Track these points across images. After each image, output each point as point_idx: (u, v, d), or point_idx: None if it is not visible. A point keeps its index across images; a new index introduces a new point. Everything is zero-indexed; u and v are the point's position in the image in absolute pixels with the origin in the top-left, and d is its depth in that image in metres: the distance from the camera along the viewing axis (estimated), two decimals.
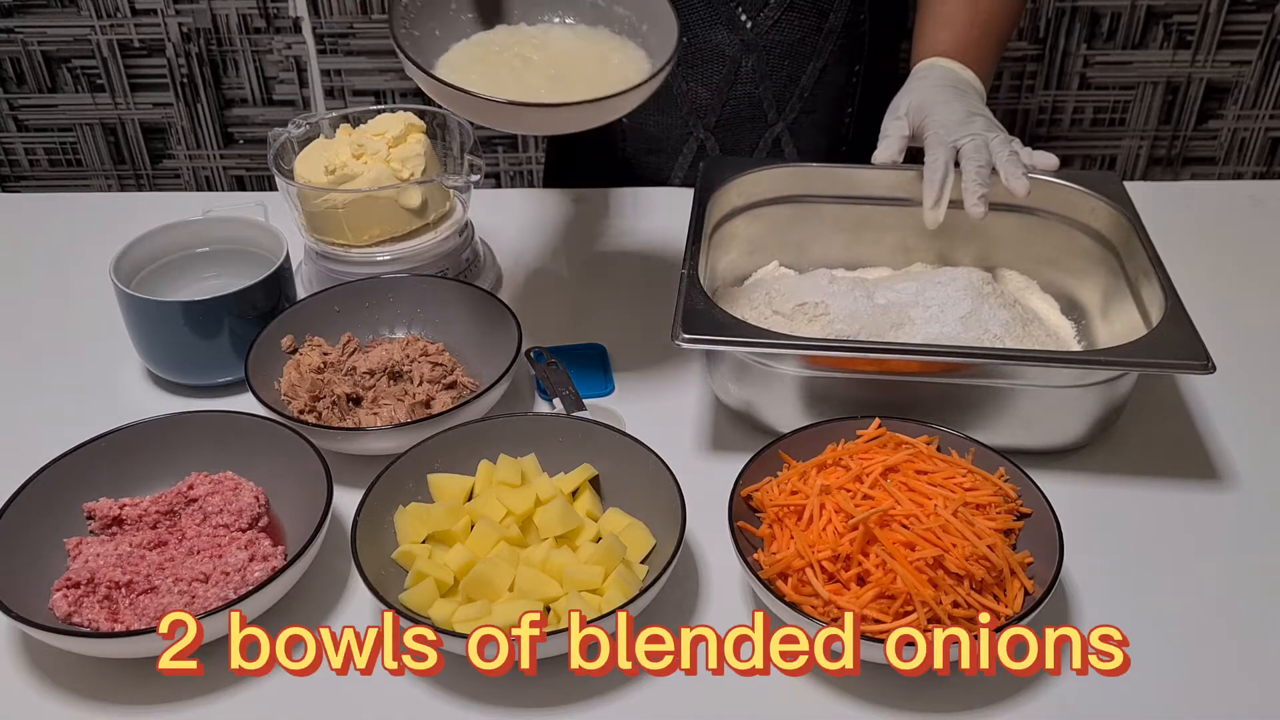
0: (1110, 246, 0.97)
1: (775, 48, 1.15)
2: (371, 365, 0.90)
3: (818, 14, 1.15)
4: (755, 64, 1.15)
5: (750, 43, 1.15)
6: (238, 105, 2.21)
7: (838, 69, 1.19)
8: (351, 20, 2.11)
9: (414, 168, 1.00)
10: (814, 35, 1.16)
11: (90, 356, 1.00)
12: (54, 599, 0.72)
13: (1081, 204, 0.99)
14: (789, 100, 1.19)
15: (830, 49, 1.17)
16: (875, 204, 1.03)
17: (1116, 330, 0.93)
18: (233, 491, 0.80)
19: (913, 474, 0.74)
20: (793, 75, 1.18)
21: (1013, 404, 0.83)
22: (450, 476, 0.80)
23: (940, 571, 0.68)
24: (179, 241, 1.00)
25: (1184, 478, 0.86)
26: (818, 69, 1.18)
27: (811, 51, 1.16)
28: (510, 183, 2.34)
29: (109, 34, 2.13)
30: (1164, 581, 0.77)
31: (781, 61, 1.17)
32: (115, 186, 2.33)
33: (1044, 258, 1.02)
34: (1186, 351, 0.80)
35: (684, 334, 0.81)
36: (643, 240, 1.16)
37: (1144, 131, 2.23)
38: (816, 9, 1.15)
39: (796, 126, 1.22)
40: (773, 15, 1.13)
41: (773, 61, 1.16)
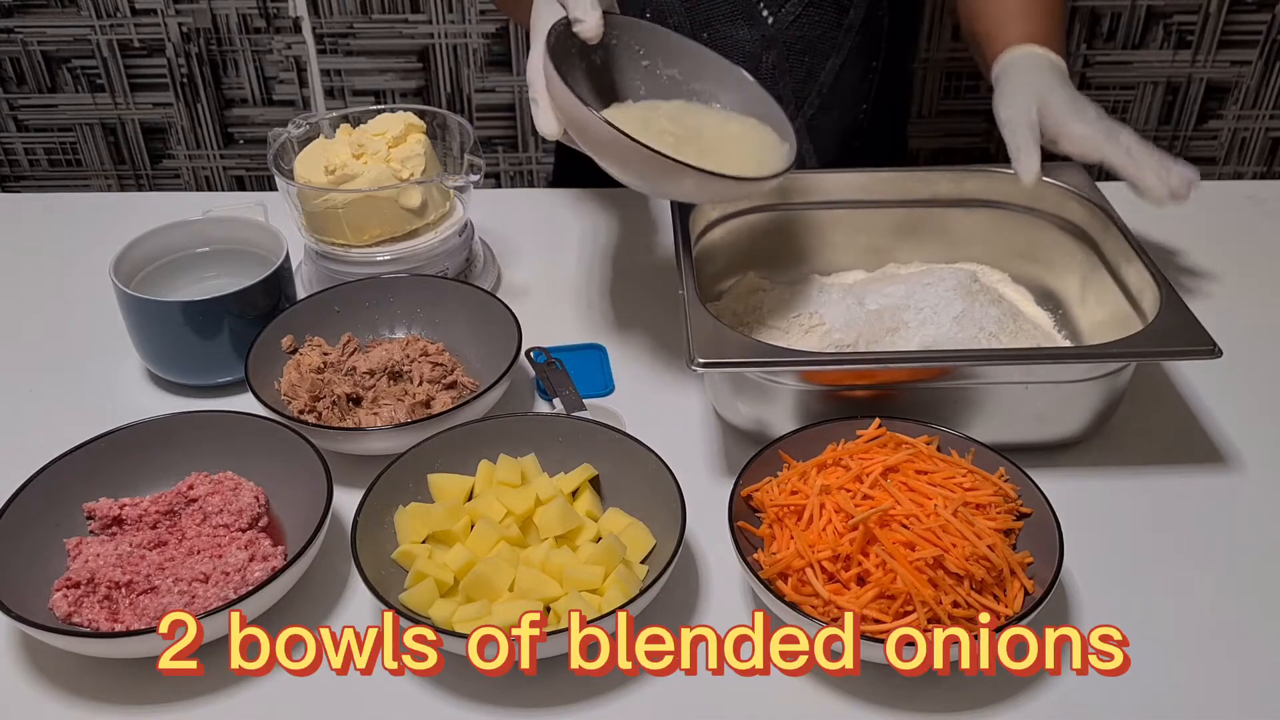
0: (1083, 235, 0.99)
1: (795, 43, 1.16)
2: (371, 365, 0.90)
3: (838, 9, 1.15)
4: (775, 60, 1.15)
5: (771, 38, 1.15)
6: (238, 105, 2.21)
7: (855, 65, 1.19)
8: (351, 20, 2.11)
9: (414, 168, 1.00)
10: (834, 31, 1.16)
11: (90, 356, 1.00)
12: (54, 599, 0.72)
13: (1049, 195, 1.00)
14: (807, 96, 1.19)
15: (849, 45, 1.17)
16: (844, 208, 1.04)
17: (1101, 318, 0.94)
18: (233, 491, 0.80)
19: (913, 474, 0.74)
20: (811, 71, 1.18)
21: (1020, 401, 0.83)
22: (450, 476, 0.80)
23: (940, 571, 0.68)
24: (179, 241, 1.00)
25: (1184, 464, 0.86)
26: (836, 65, 1.18)
27: (831, 48, 1.17)
28: (510, 183, 2.34)
29: (109, 34, 2.13)
30: (1165, 580, 0.77)
31: (801, 58, 1.17)
32: (115, 186, 2.33)
33: (1015, 251, 1.04)
34: (1190, 339, 0.81)
35: (699, 358, 0.79)
36: (643, 240, 1.16)
37: (1144, 131, 2.23)
38: (837, 5, 1.15)
39: (814, 123, 1.22)
40: (794, 11, 1.13)
41: (792, 58, 1.16)
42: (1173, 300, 0.84)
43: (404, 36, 2.14)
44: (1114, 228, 0.94)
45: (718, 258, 1.02)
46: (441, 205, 1.04)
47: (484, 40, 2.15)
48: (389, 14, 2.11)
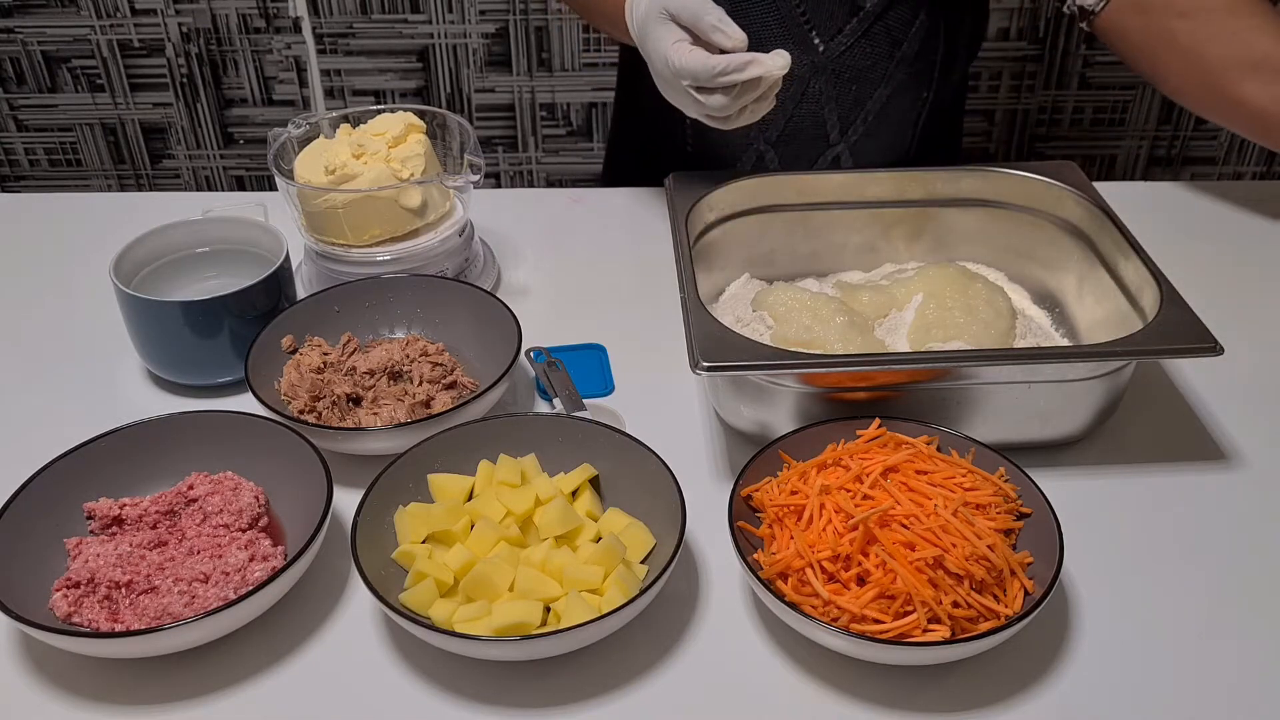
0: (1080, 233, 0.99)
1: (845, 72, 1.14)
2: (371, 365, 0.90)
3: (890, 42, 1.13)
4: (823, 86, 1.14)
5: (820, 65, 1.13)
6: (238, 105, 2.22)
7: (905, 95, 1.18)
8: (351, 20, 2.11)
9: (414, 168, 1.00)
10: (885, 62, 1.14)
11: (90, 356, 1.00)
12: (54, 599, 0.72)
13: (1046, 194, 1.01)
14: (853, 122, 1.18)
15: (900, 76, 1.16)
16: (840, 208, 1.04)
17: (1098, 316, 0.94)
18: (233, 491, 0.80)
19: (913, 474, 0.74)
20: (859, 99, 1.17)
21: (1020, 400, 0.83)
22: (450, 476, 0.80)
23: (940, 571, 0.68)
24: (179, 241, 1.00)
25: (1184, 462, 0.86)
26: (885, 95, 1.16)
27: (881, 78, 1.15)
28: (510, 183, 2.34)
29: (109, 34, 2.13)
30: (1165, 579, 0.77)
31: (849, 85, 1.15)
32: (115, 186, 2.33)
33: (1010, 249, 1.04)
34: (1192, 336, 0.81)
35: (703, 361, 0.79)
36: (643, 240, 1.16)
37: (1144, 131, 2.23)
38: (890, 38, 1.13)
39: (858, 147, 1.20)
40: (846, 41, 1.12)
41: (841, 85, 1.15)
42: (1173, 298, 0.84)
43: (404, 36, 2.14)
44: (1111, 225, 0.95)
45: (717, 258, 1.02)
46: (441, 205, 1.04)
47: (484, 40, 2.15)
48: (389, 14, 2.11)
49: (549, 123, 2.25)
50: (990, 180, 1.03)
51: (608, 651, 0.72)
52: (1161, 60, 1.09)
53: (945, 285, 0.94)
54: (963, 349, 0.88)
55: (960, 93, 1.30)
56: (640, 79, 1.00)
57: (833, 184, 1.03)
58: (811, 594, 0.69)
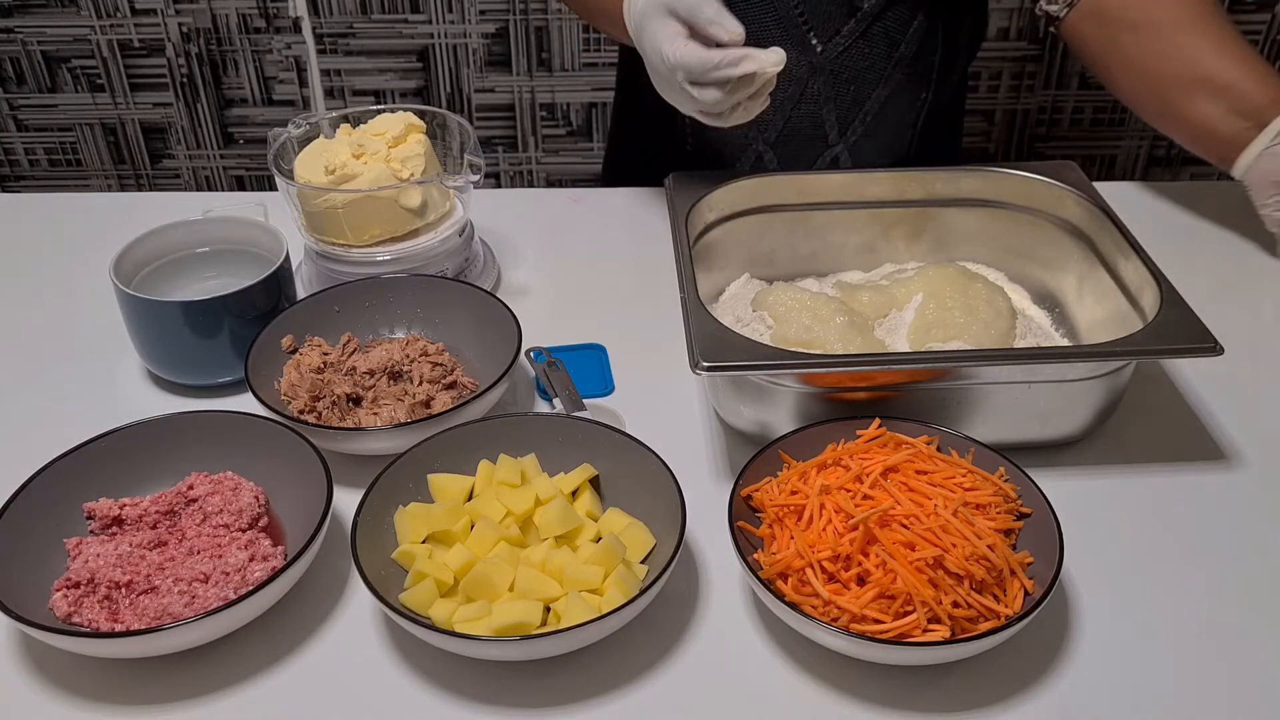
0: (1080, 233, 0.99)
1: (843, 72, 1.14)
2: (371, 365, 0.90)
3: (889, 43, 1.14)
4: (821, 86, 1.14)
5: (819, 66, 1.14)
6: (238, 105, 2.22)
7: (903, 96, 1.18)
8: (351, 20, 2.11)
9: (414, 168, 1.00)
10: (883, 63, 1.15)
11: (90, 356, 1.00)
12: (54, 599, 0.72)
13: (1046, 194, 1.01)
14: (851, 123, 1.18)
15: (898, 77, 1.16)
16: (840, 208, 1.04)
17: (1098, 315, 0.94)
18: (233, 491, 0.80)
19: (913, 474, 0.74)
20: (857, 100, 1.17)
21: (1020, 400, 0.83)
22: (450, 476, 0.80)
23: (940, 571, 0.68)
24: (179, 241, 1.00)
25: (1184, 462, 0.86)
26: (883, 95, 1.17)
27: (879, 79, 1.15)
28: (510, 183, 2.34)
29: (109, 34, 2.13)
30: (1165, 579, 0.77)
31: (847, 86, 1.16)
32: (115, 186, 2.33)
33: (1010, 249, 1.04)
34: (1192, 336, 0.81)
35: (703, 361, 0.79)
36: (643, 240, 1.16)
37: (1144, 131, 2.23)
38: (888, 39, 1.13)
39: (857, 148, 1.21)
40: (844, 42, 1.12)
41: (839, 86, 1.15)
42: (1173, 298, 0.84)
43: (404, 36, 2.14)
44: (1111, 225, 0.95)
45: (717, 258, 1.02)
46: (441, 205, 1.04)
47: (484, 40, 2.15)
48: (389, 14, 2.11)
49: (549, 123, 2.25)
50: (990, 180, 1.03)
51: (608, 651, 0.72)
52: (1115, 70, 1.12)
53: (945, 285, 0.94)
54: (963, 349, 0.88)
55: (960, 93, 1.30)
56: (640, 79, 1.00)
57: (833, 184, 1.03)
58: (811, 594, 0.69)
